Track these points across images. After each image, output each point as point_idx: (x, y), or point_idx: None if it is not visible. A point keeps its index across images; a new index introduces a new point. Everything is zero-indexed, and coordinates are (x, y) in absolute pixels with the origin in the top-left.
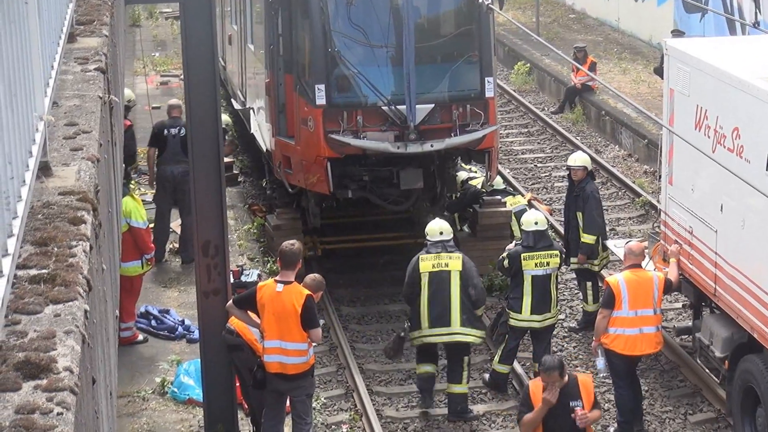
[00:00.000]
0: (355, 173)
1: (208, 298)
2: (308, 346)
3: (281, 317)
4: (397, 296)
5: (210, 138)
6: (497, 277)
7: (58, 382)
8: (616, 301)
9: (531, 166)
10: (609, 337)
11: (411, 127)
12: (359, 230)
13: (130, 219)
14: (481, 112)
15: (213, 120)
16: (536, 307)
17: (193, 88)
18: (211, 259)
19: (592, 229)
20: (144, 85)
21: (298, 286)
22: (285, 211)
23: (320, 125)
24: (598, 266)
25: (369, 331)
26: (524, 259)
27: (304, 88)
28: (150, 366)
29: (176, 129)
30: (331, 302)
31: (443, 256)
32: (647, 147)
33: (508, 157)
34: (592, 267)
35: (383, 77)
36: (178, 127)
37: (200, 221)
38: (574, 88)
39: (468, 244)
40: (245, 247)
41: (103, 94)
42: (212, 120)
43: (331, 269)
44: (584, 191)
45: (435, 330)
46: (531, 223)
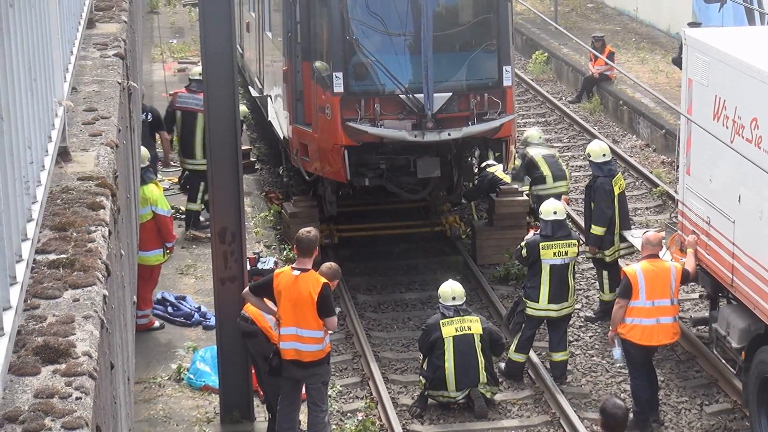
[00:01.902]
0: (372, 161)
1: (224, 285)
2: (324, 334)
3: (297, 304)
4: (413, 285)
5: (227, 126)
6: (514, 267)
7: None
8: (633, 291)
9: None
10: (626, 327)
11: (428, 115)
12: (376, 218)
13: (156, 207)
14: (498, 101)
15: (231, 108)
16: (554, 297)
17: (211, 76)
18: (228, 246)
19: (599, 221)
20: (162, 71)
21: (314, 273)
22: (301, 199)
23: (337, 113)
24: (609, 257)
25: (385, 319)
26: (543, 248)
27: (321, 75)
28: (166, 352)
29: (144, 115)
30: (347, 290)
31: (464, 320)
32: (665, 137)
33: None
34: (605, 258)
35: (401, 65)
36: (146, 112)
37: (217, 208)
38: (592, 78)
39: (485, 233)
40: (262, 234)
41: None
42: (230, 108)
43: (348, 257)
44: (595, 181)
45: (460, 393)
46: (550, 212)
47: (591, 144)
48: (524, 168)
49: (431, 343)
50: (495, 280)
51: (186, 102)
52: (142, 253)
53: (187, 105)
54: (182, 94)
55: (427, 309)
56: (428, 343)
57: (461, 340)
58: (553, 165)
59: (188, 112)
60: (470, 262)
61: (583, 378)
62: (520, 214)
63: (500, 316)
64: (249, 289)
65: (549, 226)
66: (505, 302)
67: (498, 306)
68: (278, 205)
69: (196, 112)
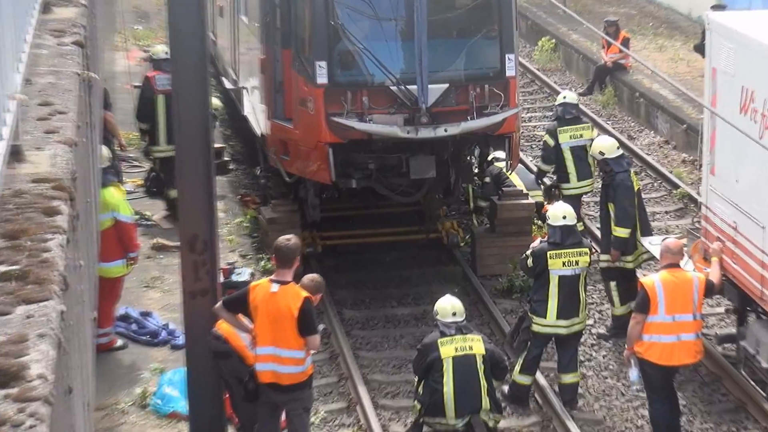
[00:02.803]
0: (360, 161)
1: (194, 299)
2: (305, 354)
3: (276, 321)
4: (406, 298)
5: (198, 121)
6: (518, 278)
7: (31, 391)
8: (651, 304)
9: None
10: (643, 345)
11: (422, 109)
12: (364, 225)
13: (117, 213)
14: (500, 93)
15: (201, 101)
16: (563, 311)
17: (180, 65)
18: (198, 256)
19: (625, 221)
20: (124, 61)
21: (295, 286)
22: (281, 203)
23: (321, 107)
24: (632, 263)
25: (374, 337)
26: (551, 257)
27: (303, 65)
28: (130, 375)
29: None
30: (332, 305)
31: (466, 339)
32: (686, 133)
33: (531, 144)
34: (626, 265)
35: (392, 53)
36: None
37: (186, 213)
38: (605, 67)
39: (486, 240)
40: (236, 242)
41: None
42: (200, 101)
43: (332, 268)
44: (614, 180)
45: (460, 420)
46: (559, 217)
47: (600, 140)
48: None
49: (428, 364)
50: (497, 293)
51: (167, 84)
52: (102, 264)
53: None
54: (160, 77)
55: (422, 326)
56: (424, 365)
57: (462, 362)
58: (580, 160)
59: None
60: (469, 273)
61: (596, 403)
62: (525, 218)
63: (503, 334)
64: (222, 303)
65: (558, 232)
66: (509, 318)
67: (501, 322)
68: (255, 209)
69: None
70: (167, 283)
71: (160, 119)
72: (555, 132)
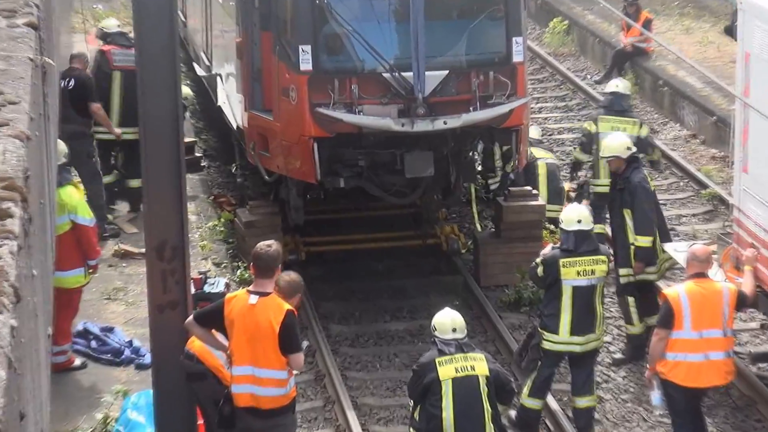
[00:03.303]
0: (349, 157)
1: (162, 312)
2: (288, 375)
3: (254, 338)
4: (400, 312)
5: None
6: (527, 289)
7: None
8: (676, 319)
9: (569, 149)
10: (667, 364)
11: (419, 99)
12: (353, 229)
13: (76, 215)
14: (507, 81)
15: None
16: (577, 327)
17: (146, 50)
18: (166, 264)
19: (646, 229)
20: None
21: (276, 298)
22: (260, 205)
23: (305, 96)
24: (656, 274)
25: (365, 355)
26: (563, 265)
27: (284, 49)
28: (89, 398)
29: (65, 81)
30: (317, 319)
31: (467, 358)
32: (716, 126)
33: (541, 138)
34: (648, 277)
35: (384, 36)
36: (67, 78)
37: (153, 217)
38: (624, 51)
39: (490, 246)
40: (210, 249)
41: (34, 55)
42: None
43: (318, 277)
44: (629, 183)
45: None
46: (572, 220)
47: (609, 140)
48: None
49: (425, 386)
50: (503, 305)
51: (125, 60)
52: (58, 273)
53: (127, 63)
54: (117, 51)
55: (418, 343)
56: (421, 387)
57: (463, 384)
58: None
59: (130, 72)
60: (472, 283)
61: (615, 429)
62: (534, 222)
63: (510, 352)
64: (193, 318)
65: (571, 237)
66: (517, 334)
67: (507, 339)
68: (230, 212)
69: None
70: (132, 295)
71: (115, 98)
72: (597, 120)
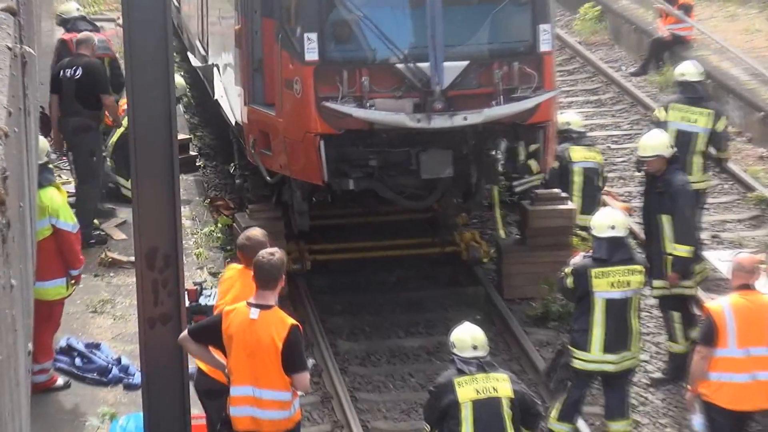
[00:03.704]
0: (359, 156)
1: (154, 327)
2: (292, 397)
3: (255, 355)
4: (415, 327)
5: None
6: (555, 302)
7: None
8: (720, 335)
9: (602, 147)
10: (710, 385)
11: (436, 92)
12: (363, 236)
13: (57, 219)
14: (533, 73)
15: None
16: (611, 344)
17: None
18: (159, 274)
19: (687, 237)
20: None
21: (279, 312)
22: (261, 208)
23: (311, 89)
24: (693, 288)
25: (376, 375)
26: (595, 276)
27: (288, 37)
28: (73, 422)
29: (72, 70)
30: (324, 334)
31: (489, 379)
32: (763, 122)
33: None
34: (685, 291)
35: (398, 23)
36: (74, 67)
37: (143, 222)
38: (662, 40)
39: (514, 255)
40: (205, 257)
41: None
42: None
43: (324, 289)
44: (670, 185)
45: None
46: (605, 226)
47: (648, 138)
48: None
49: (443, 409)
50: (529, 320)
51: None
52: (37, 283)
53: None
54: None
55: (435, 362)
56: (438, 410)
57: (484, 407)
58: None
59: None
60: (495, 295)
61: None
62: (563, 228)
63: (536, 372)
64: (188, 332)
65: (604, 245)
66: (544, 352)
67: (533, 357)
68: (228, 216)
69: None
70: (120, 308)
71: None
72: (668, 107)
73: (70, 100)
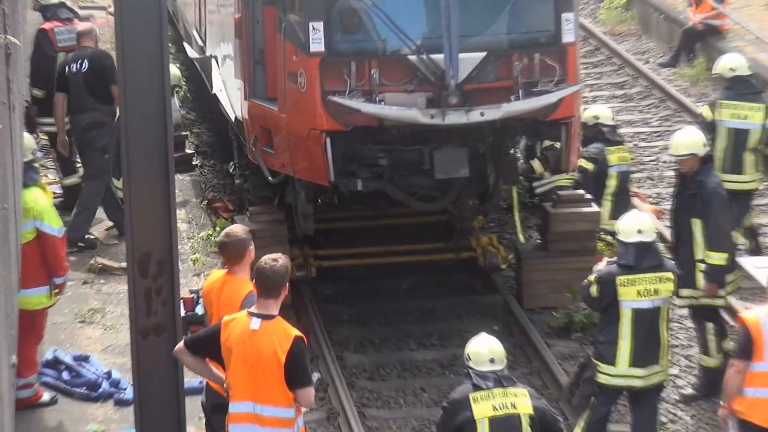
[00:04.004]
0: (368, 155)
1: (147, 338)
2: (296, 414)
3: (256, 368)
4: (428, 339)
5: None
6: (579, 311)
7: None
8: (756, 348)
9: (629, 146)
10: (745, 401)
11: (451, 86)
12: (372, 240)
13: (41, 222)
14: (555, 65)
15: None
16: (639, 357)
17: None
18: (152, 281)
19: (721, 244)
20: None
21: (282, 323)
22: (262, 211)
23: (316, 83)
24: (724, 298)
25: (386, 390)
26: (622, 284)
27: (292, 27)
28: None
29: (77, 64)
30: (330, 346)
31: (507, 394)
32: None
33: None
34: (715, 301)
35: (410, 12)
36: (79, 60)
37: (136, 225)
38: (694, 30)
39: (535, 262)
40: (203, 263)
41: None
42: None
43: (331, 298)
44: (704, 187)
45: None
46: (632, 231)
47: (682, 135)
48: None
49: (457, 427)
50: (551, 331)
51: (71, 39)
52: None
53: (70, 43)
54: (61, 29)
55: (450, 376)
56: (453, 428)
57: (502, 424)
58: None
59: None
60: (513, 304)
61: None
62: (587, 232)
63: (558, 387)
64: (184, 344)
65: (631, 251)
66: (566, 365)
67: (555, 371)
68: (227, 219)
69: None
70: (110, 318)
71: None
72: (715, 105)
73: (80, 96)
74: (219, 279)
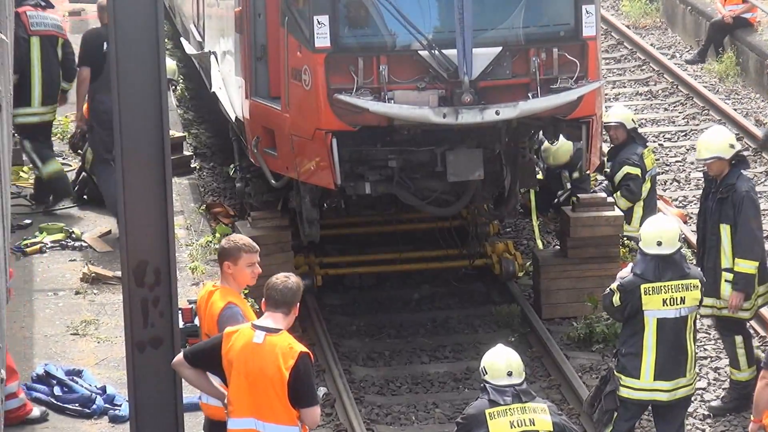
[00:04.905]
0: (376, 156)
1: (143, 351)
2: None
3: (257, 384)
4: (441, 351)
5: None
6: (600, 322)
7: None
8: None
9: (654, 146)
10: None
11: (465, 83)
12: (381, 247)
13: None
14: (575, 60)
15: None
16: (664, 369)
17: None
18: (149, 291)
19: (752, 251)
20: None
21: (287, 337)
22: (264, 216)
23: (321, 80)
24: (750, 311)
25: (396, 405)
26: (645, 292)
27: (296, 21)
28: None
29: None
30: (337, 359)
31: (526, 409)
32: None
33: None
34: (741, 316)
35: (421, 5)
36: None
37: (131, 232)
38: (722, 24)
39: (554, 269)
40: (202, 271)
41: None
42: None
43: (338, 308)
44: (734, 191)
45: None
46: (651, 241)
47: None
48: None
49: None
50: (571, 343)
51: (44, 23)
52: None
53: (47, 28)
54: (33, 13)
55: (464, 390)
56: None
57: None
58: None
59: (47, 37)
60: (531, 314)
61: None
62: (609, 238)
63: (579, 401)
64: (183, 356)
65: (650, 265)
66: (587, 378)
67: (575, 384)
68: (228, 225)
69: (57, 37)
70: (104, 330)
71: (35, 70)
72: None
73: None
74: (208, 290)
